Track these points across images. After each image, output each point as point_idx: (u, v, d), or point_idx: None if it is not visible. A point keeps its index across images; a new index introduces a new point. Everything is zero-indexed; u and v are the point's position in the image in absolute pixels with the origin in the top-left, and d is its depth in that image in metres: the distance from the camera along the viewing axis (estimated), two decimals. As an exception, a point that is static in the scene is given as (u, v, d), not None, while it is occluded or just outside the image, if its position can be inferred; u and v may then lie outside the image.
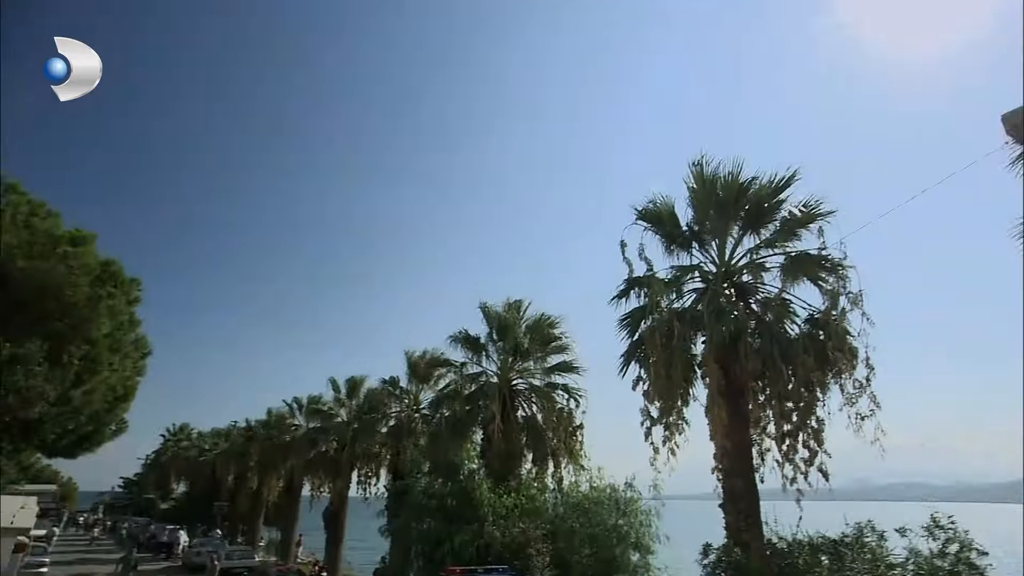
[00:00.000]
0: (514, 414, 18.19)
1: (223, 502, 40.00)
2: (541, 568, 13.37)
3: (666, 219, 13.85)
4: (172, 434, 62.69)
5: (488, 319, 19.50)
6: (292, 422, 33.28)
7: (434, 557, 13.98)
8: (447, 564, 12.95)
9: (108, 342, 20.25)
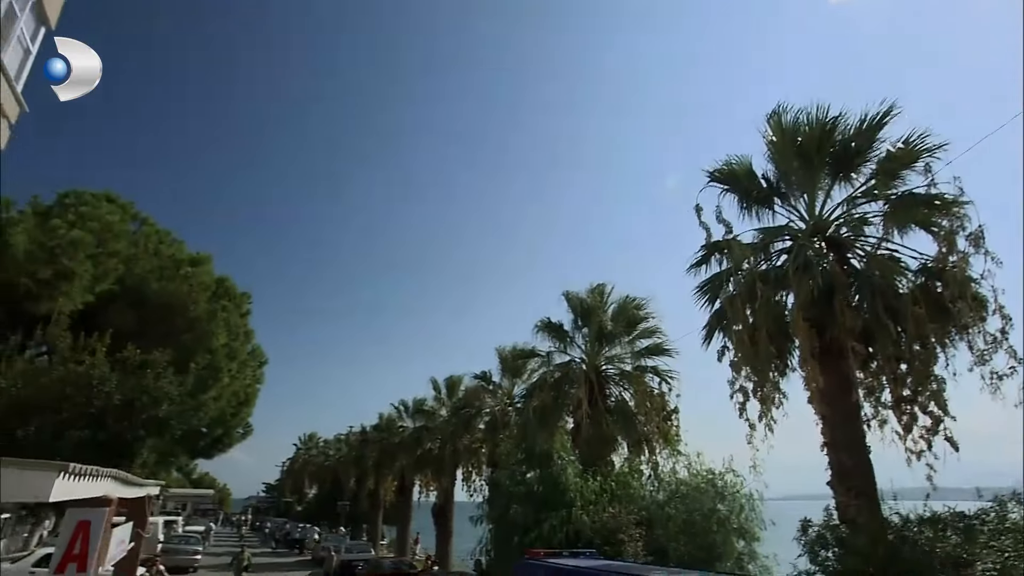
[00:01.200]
0: (603, 400, 17.62)
1: (345, 502, 42.81)
2: (634, 554, 12.71)
3: (743, 177, 12.75)
4: (303, 443, 68.45)
5: (571, 305, 19.16)
6: (400, 424, 34.82)
7: (523, 544, 13.79)
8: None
9: (226, 351, 22.50)
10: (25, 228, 17.90)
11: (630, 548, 12.89)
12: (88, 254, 17.92)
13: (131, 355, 15.67)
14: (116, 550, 7.58)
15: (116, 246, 19.32)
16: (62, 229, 17.25)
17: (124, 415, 14.76)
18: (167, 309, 20.36)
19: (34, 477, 3.69)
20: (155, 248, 21.45)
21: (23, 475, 3.72)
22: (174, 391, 15.84)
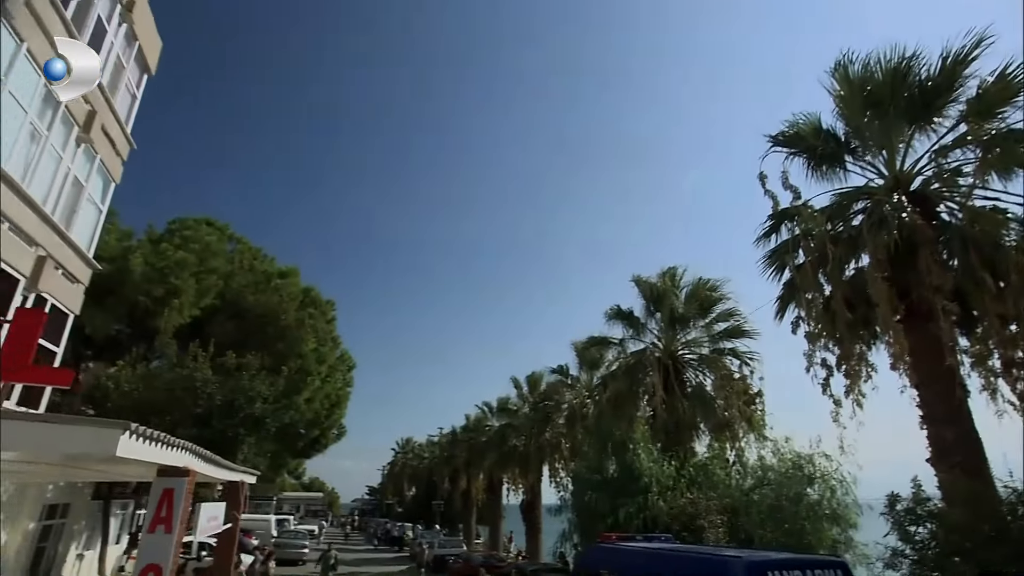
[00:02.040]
0: (679, 386, 17.01)
1: (439, 502, 44.22)
2: (716, 540, 12.15)
3: (810, 136, 11.90)
4: (400, 447, 71.55)
5: (642, 291, 18.72)
6: (487, 424, 35.52)
7: (598, 531, 13.58)
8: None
9: (315, 355, 24.08)
10: (142, 253, 20.20)
11: (711, 534, 12.34)
12: (192, 273, 19.98)
13: (229, 360, 17.33)
14: (208, 524, 8.35)
15: (215, 264, 21.35)
16: (169, 252, 19.42)
17: (225, 414, 16.30)
18: (261, 319, 22.16)
19: (104, 433, 4.18)
20: (249, 264, 23.45)
21: (98, 432, 4.24)
22: (266, 391, 17.31)
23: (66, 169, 12.85)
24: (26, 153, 11.41)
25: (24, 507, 13.31)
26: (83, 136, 13.24)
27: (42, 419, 4.26)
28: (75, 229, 13.57)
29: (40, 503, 13.98)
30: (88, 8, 13.09)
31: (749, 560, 7.28)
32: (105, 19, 13.92)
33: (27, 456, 4.59)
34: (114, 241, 20.56)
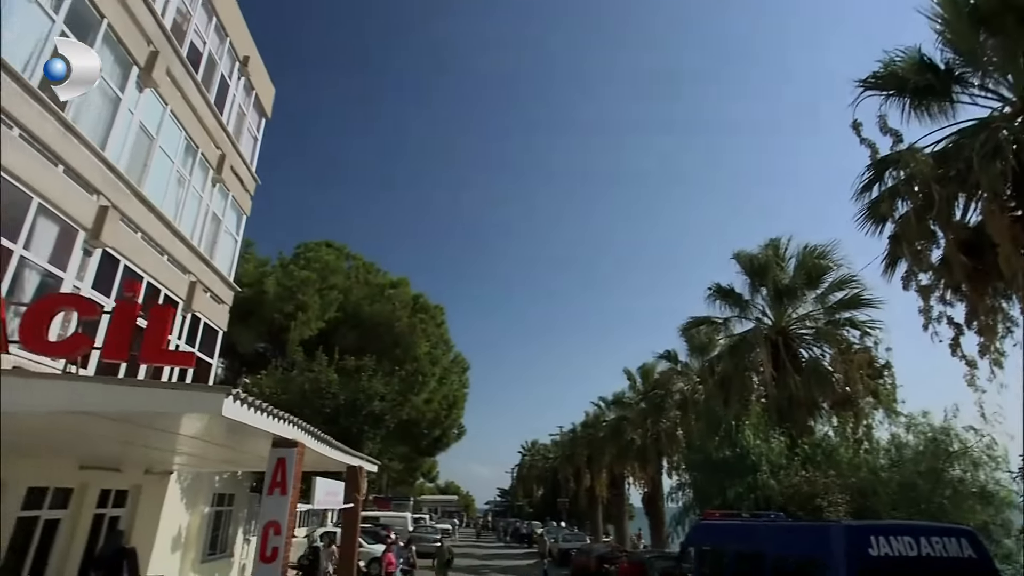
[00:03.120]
0: (791, 361, 15.91)
1: (564, 499, 44.65)
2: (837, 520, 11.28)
3: (910, 72, 10.71)
4: (526, 450, 73.28)
5: (743, 266, 17.77)
6: (604, 419, 35.41)
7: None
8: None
9: (428, 358, 25.66)
10: (274, 276, 22.98)
11: (831, 514, 11.48)
12: (315, 289, 22.36)
13: (349, 363, 19.17)
14: (325, 497, 9.43)
15: (335, 280, 23.70)
16: (296, 272, 21.96)
17: (349, 412, 18.03)
18: (378, 327, 24.14)
19: (207, 397, 5.07)
20: (364, 278, 25.69)
21: (207, 395, 5.16)
22: (383, 389, 18.89)
23: (206, 207, 15.06)
24: (175, 195, 13.60)
25: (200, 494, 15.71)
26: (217, 177, 15.42)
27: (168, 386, 5.31)
28: (217, 257, 15.81)
29: (211, 491, 16.39)
30: (213, 69, 15.29)
31: (849, 525, 6.87)
32: (227, 76, 16.14)
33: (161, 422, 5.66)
34: (252, 269, 23.52)
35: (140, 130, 11.72)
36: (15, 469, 9.05)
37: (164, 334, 6.05)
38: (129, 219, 11.28)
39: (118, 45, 10.73)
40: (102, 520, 11.80)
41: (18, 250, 8.46)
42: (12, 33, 8.28)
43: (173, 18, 12.79)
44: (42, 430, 6.20)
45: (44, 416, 4.94)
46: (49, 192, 9.01)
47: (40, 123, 8.80)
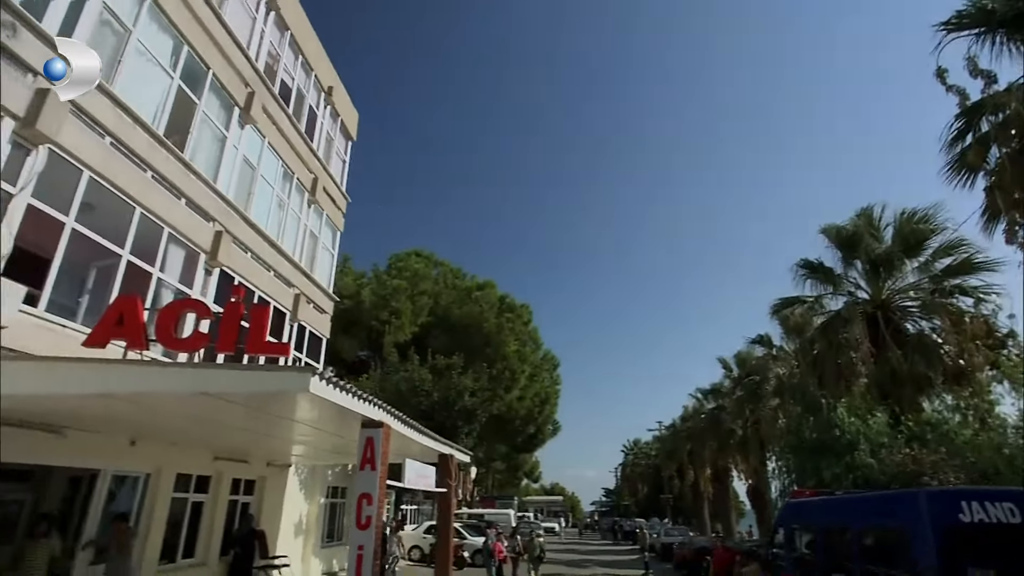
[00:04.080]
0: (893, 335, 14.80)
1: (668, 496, 43.64)
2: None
3: (1001, 3, 9.81)
4: (628, 449, 72.40)
5: (832, 239, 16.75)
6: (702, 412, 34.40)
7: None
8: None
9: (517, 356, 26.34)
10: (370, 287, 24.79)
11: (940, 493, 10.64)
12: (407, 296, 23.85)
13: (439, 362, 20.29)
14: (416, 478, 10.26)
15: (424, 287, 25.11)
16: (388, 281, 23.57)
17: (443, 408, 19.08)
18: (467, 328, 25.22)
19: (297, 376, 5.91)
20: (452, 283, 26.95)
21: (296, 376, 6.01)
22: (471, 385, 19.81)
23: (304, 226, 16.71)
24: (277, 218, 15.27)
25: (316, 486, 17.40)
26: (312, 198, 17.06)
27: (267, 368, 6.26)
28: (317, 271, 17.45)
29: (325, 484, 18.05)
30: (302, 101, 16.97)
31: (936, 490, 6.56)
32: (315, 106, 17.82)
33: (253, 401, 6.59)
34: (351, 282, 25.51)
35: (244, 162, 13.37)
36: (166, 457, 10.74)
37: (263, 329, 7.10)
38: (240, 241, 12.90)
39: (222, 91, 12.37)
40: (236, 505, 13.51)
41: (156, 272, 10.08)
42: (142, 91, 9.94)
43: (265, 60, 14.44)
44: (175, 412, 7.45)
45: (174, 397, 6.04)
46: (176, 222, 10.62)
47: (166, 165, 10.44)
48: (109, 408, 7.03)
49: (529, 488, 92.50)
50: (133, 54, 9.76)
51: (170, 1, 10.61)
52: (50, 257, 8.09)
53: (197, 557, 12.06)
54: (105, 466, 9.41)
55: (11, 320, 7.00)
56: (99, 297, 8.84)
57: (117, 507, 9.98)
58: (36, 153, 7.81)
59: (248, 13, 13.76)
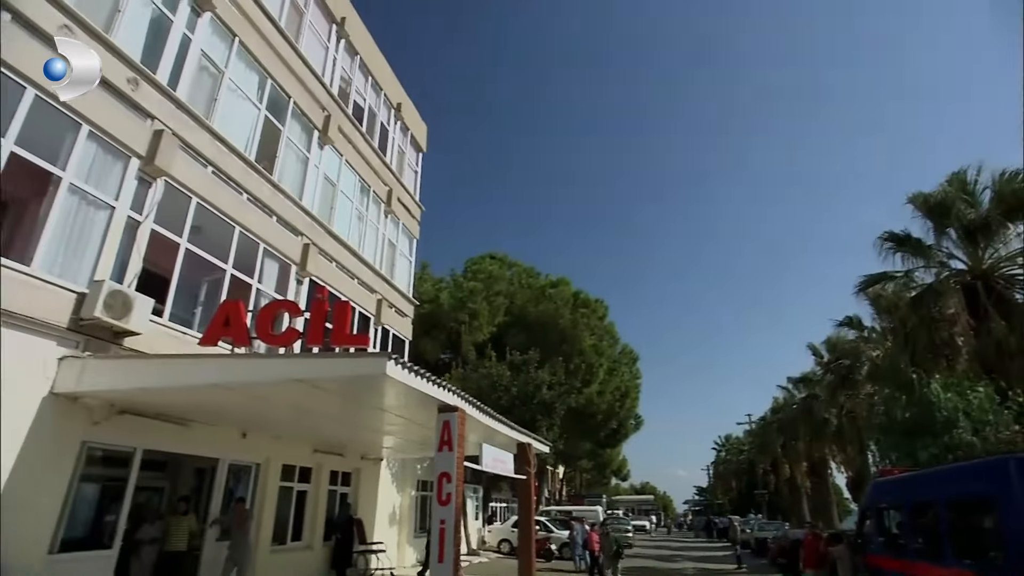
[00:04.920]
0: (996, 306, 13.61)
1: (761, 491, 41.79)
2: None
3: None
4: (720, 445, 69.99)
5: (920, 208, 15.62)
6: (793, 402, 32.89)
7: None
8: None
9: (594, 351, 26.42)
10: (448, 290, 25.88)
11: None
12: (483, 298, 24.67)
13: (515, 358, 20.85)
14: (493, 463, 10.80)
15: (499, 288, 25.84)
16: (465, 284, 24.49)
17: (521, 403, 19.60)
18: (544, 326, 25.67)
19: (374, 361, 6.59)
20: (526, 283, 27.53)
21: (371, 360, 6.69)
22: (548, 378, 20.20)
23: (382, 235, 17.87)
24: (357, 229, 16.47)
25: (406, 479, 18.49)
26: (388, 209, 18.20)
27: (346, 355, 6.99)
28: (396, 277, 18.57)
29: (415, 478, 19.11)
30: (374, 119, 18.17)
31: (1021, 457, 6.24)
32: (386, 122, 19.02)
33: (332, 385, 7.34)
34: (430, 287, 26.72)
35: (325, 180, 14.61)
36: (272, 449, 11.97)
37: (345, 324, 7.93)
38: (325, 252, 14.10)
39: (302, 116, 13.63)
40: (335, 495, 14.70)
41: (255, 284, 11.34)
42: (235, 123, 11.26)
43: (338, 85, 15.67)
44: (276, 401, 8.44)
45: (273, 384, 6.94)
46: (270, 238, 11.87)
47: (259, 187, 11.71)
48: (223, 400, 8.10)
49: (619, 488, 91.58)
50: (226, 92, 11.08)
51: (254, 41, 11.91)
52: (170, 274, 9.40)
53: (304, 541, 13.28)
54: (222, 456, 10.68)
55: (144, 329, 8.26)
56: (210, 308, 10.10)
57: (235, 492, 11.29)
58: (155, 185, 9.13)
59: (321, 43, 15.03)
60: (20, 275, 6.93)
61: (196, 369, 7.03)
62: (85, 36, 7.89)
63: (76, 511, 7.76)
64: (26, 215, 7.99)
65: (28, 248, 7.28)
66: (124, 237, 8.50)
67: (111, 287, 7.71)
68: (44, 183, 7.56)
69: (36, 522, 6.93)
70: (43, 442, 6.98)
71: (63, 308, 7.41)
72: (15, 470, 6.59)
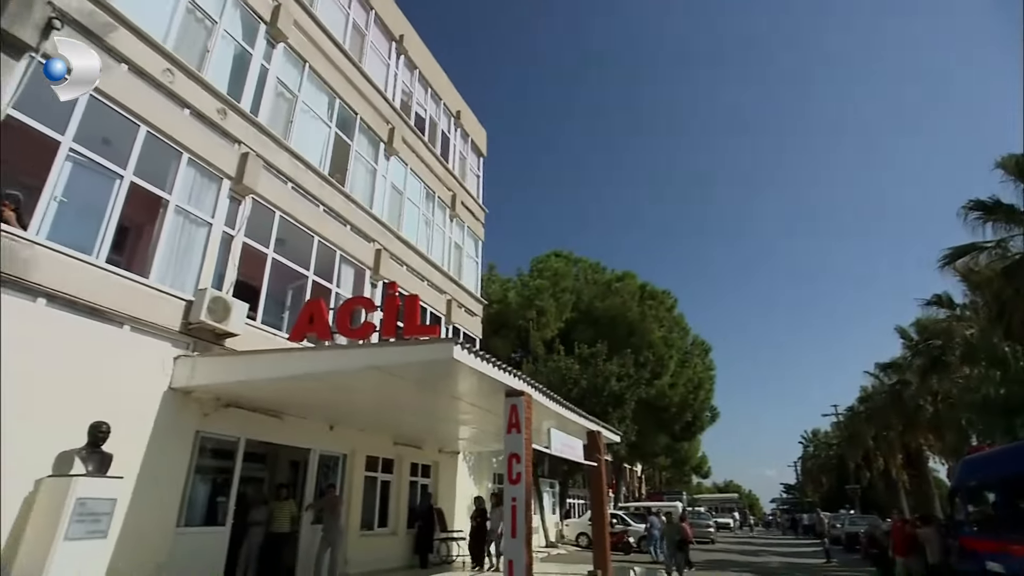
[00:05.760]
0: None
1: (854, 486, 39.47)
2: None
3: None
4: (807, 439, 66.66)
5: (1010, 171, 14.45)
6: (883, 390, 30.98)
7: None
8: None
9: (663, 342, 26.08)
10: (515, 289, 26.46)
11: None
12: (550, 295, 25.04)
13: (583, 351, 21.05)
14: (562, 447, 11.15)
15: (565, 284, 26.11)
16: (531, 282, 24.97)
17: (591, 395, 19.76)
18: (612, 320, 25.67)
19: (441, 346, 7.11)
20: (592, 278, 27.62)
21: (439, 346, 7.22)
22: (617, 369, 20.23)
23: (448, 238, 18.66)
24: (425, 234, 17.32)
25: (483, 472, 19.18)
26: (453, 213, 18.97)
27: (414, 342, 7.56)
28: (464, 278, 19.30)
29: (491, 471, 19.75)
30: (435, 128, 19.03)
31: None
32: (446, 131, 19.85)
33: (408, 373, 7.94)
34: (498, 288, 27.41)
35: (392, 188, 15.52)
36: (357, 441, 12.89)
37: (416, 315, 8.58)
38: (396, 256, 14.98)
39: (368, 130, 14.58)
40: (415, 485, 15.54)
41: (334, 288, 12.30)
42: (308, 143, 12.30)
43: (400, 98, 16.60)
44: (357, 390, 9.21)
45: (353, 372, 7.65)
46: (345, 245, 12.83)
47: (333, 199, 12.69)
48: (311, 392, 8.96)
49: (701, 486, 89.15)
50: (300, 113, 12.13)
51: (322, 65, 12.93)
52: (260, 283, 10.45)
53: (389, 527, 14.16)
54: (313, 446, 11.65)
55: (241, 330, 9.27)
56: (296, 311, 11.11)
57: (326, 481, 12.28)
58: (244, 202, 10.19)
59: (382, 60, 15.99)
60: (141, 286, 8.03)
61: (286, 361, 7.88)
62: (183, 76, 9.01)
63: (195, 492, 8.85)
64: (143, 234, 9.19)
65: (146, 263, 8.41)
66: (220, 250, 9.58)
67: (213, 294, 8.75)
68: (155, 206, 8.70)
69: (166, 499, 7.98)
70: (166, 430, 8.04)
71: (175, 314, 8.48)
72: (148, 453, 7.66)
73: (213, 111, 9.62)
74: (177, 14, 9.25)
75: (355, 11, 14.87)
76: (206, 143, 9.42)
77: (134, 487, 7.37)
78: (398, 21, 16.88)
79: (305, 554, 10.95)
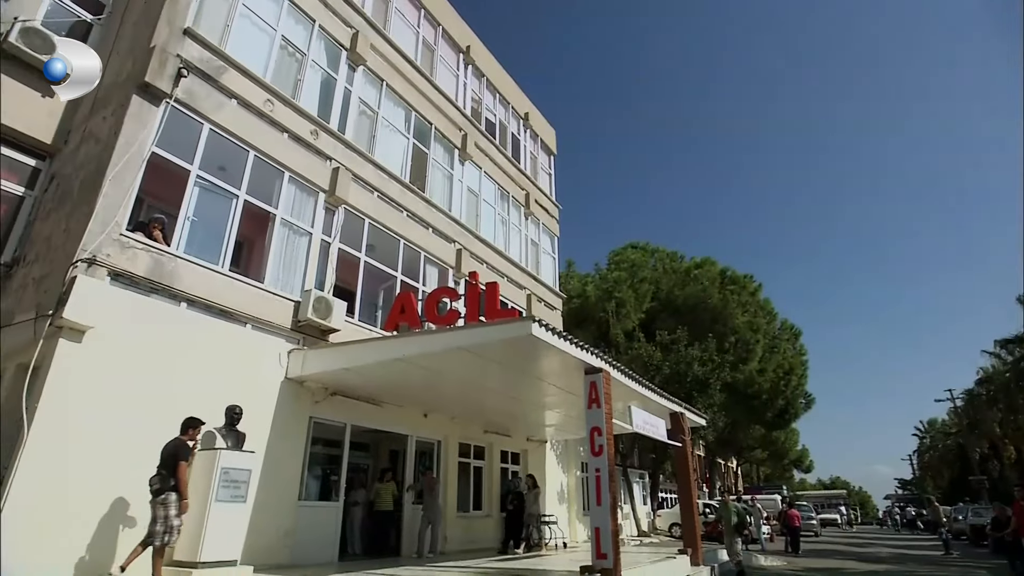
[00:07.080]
0: None
1: (980, 477, 35.95)
2: None
3: None
4: (923, 431, 61.64)
5: None
6: (1004, 369, 28.29)
7: None
8: None
9: (748, 327, 25.27)
10: (593, 283, 26.73)
11: None
12: (628, 286, 25.04)
13: (663, 338, 20.91)
14: (644, 425, 11.38)
15: (643, 275, 25.99)
16: (609, 275, 25.10)
17: (675, 381, 19.60)
18: (693, 308, 25.24)
19: (520, 324, 7.66)
20: (670, 267, 27.26)
21: (518, 324, 7.78)
22: (698, 354, 19.94)
23: (525, 236, 19.32)
24: (502, 232, 18.07)
25: (570, 461, 19.61)
26: (527, 212, 19.62)
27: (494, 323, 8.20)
28: (542, 273, 19.88)
29: (579, 459, 20.14)
30: (505, 131, 19.77)
31: None
32: (516, 133, 20.55)
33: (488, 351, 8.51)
34: (577, 283, 27.77)
35: (468, 192, 16.39)
36: (449, 428, 13.78)
37: (496, 301, 9.26)
38: (475, 255, 15.81)
39: (443, 139, 15.53)
40: (506, 471, 16.26)
41: (420, 287, 13.27)
42: (390, 154, 13.37)
43: (470, 105, 17.47)
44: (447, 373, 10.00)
45: (441, 353, 8.41)
46: (428, 247, 13.79)
47: (415, 204, 13.69)
48: (405, 377, 9.84)
49: (805, 482, 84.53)
50: (381, 128, 13.22)
51: (398, 82, 14.00)
52: (355, 285, 11.55)
53: (484, 510, 14.95)
54: (410, 432, 12.63)
55: (341, 326, 10.34)
56: (387, 309, 12.16)
57: (423, 465, 13.25)
58: (337, 212, 11.32)
59: (452, 72, 16.94)
60: (258, 290, 9.24)
61: (382, 347, 8.81)
62: (280, 104, 10.23)
63: (311, 471, 9.99)
64: (255, 245, 10.50)
65: (261, 269, 9.64)
66: (320, 255, 10.73)
67: (316, 294, 9.86)
68: (265, 220, 9.94)
69: (289, 475, 9.12)
70: (285, 415, 9.18)
71: (286, 313, 9.65)
72: (272, 434, 8.81)
73: (307, 132, 10.80)
74: (273, 51, 10.51)
75: (424, 28, 15.90)
76: (303, 161, 10.61)
77: (263, 463, 8.52)
78: (464, 33, 17.79)
79: (408, 531, 11.92)
